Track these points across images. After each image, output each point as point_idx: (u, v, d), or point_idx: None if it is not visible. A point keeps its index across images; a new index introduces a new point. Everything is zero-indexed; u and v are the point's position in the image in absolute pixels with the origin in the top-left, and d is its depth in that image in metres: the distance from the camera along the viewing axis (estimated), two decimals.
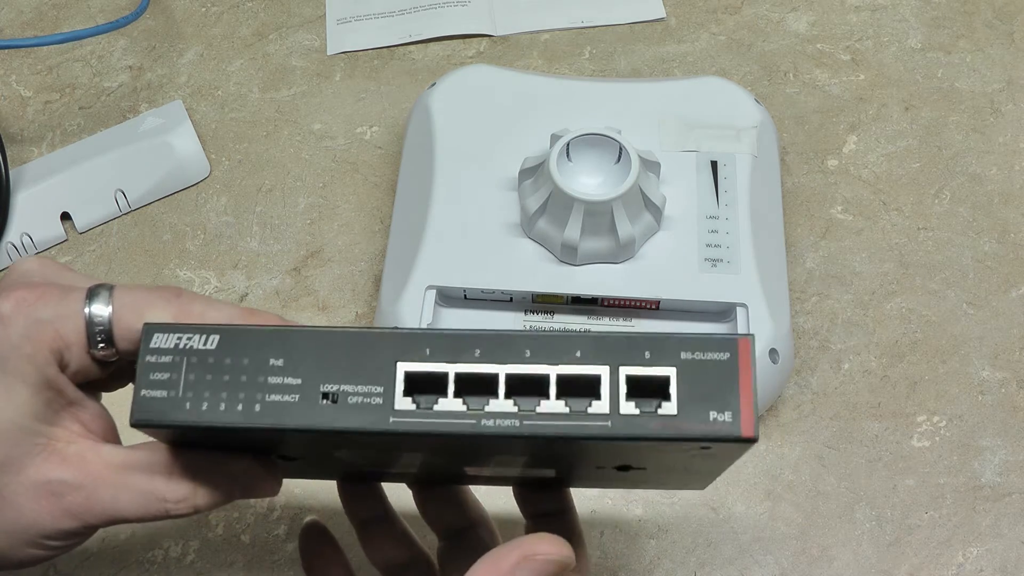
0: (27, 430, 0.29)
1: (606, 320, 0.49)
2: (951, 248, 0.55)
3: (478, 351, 0.27)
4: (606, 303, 0.49)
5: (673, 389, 0.27)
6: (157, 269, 0.55)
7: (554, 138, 0.48)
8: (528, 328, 0.49)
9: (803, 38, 0.63)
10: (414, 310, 0.47)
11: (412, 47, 0.63)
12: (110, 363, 0.31)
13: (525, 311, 0.49)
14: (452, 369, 0.27)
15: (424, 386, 0.27)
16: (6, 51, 0.62)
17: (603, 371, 0.27)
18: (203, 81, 0.61)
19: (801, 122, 0.59)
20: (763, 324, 0.47)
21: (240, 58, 0.62)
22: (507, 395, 0.27)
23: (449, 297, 0.49)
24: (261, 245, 0.55)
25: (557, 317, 0.49)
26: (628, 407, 0.27)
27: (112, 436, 0.32)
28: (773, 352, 0.47)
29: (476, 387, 0.27)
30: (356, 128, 0.59)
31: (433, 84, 0.55)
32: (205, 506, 0.31)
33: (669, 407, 0.27)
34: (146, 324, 0.28)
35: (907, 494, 0.48)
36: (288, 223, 0.56)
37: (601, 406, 0.27)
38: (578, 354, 0.27)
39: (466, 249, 0.49)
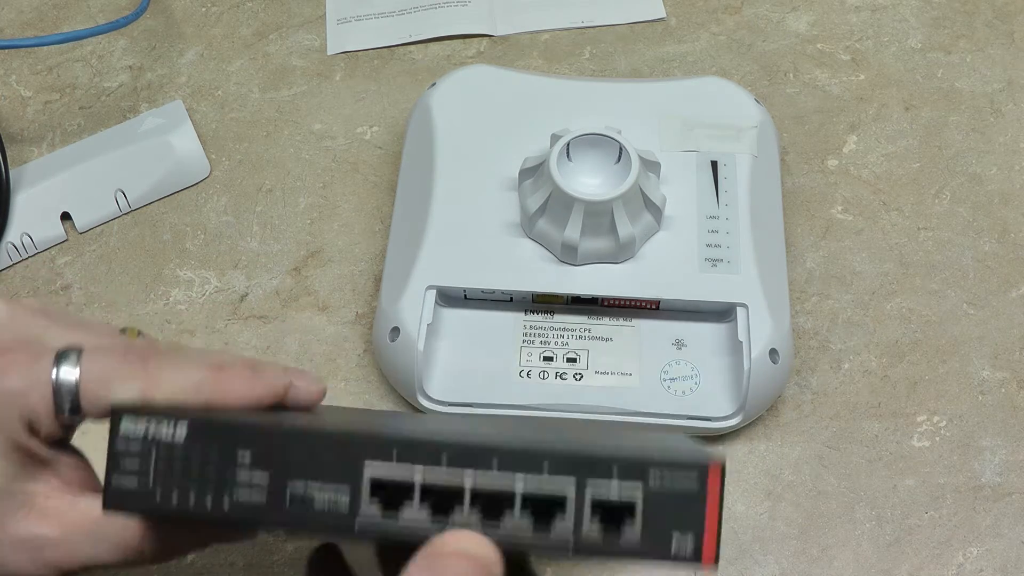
0: (4, 491, 0.30)
1: (606, 320, 0.49)
2: (951, 248, 0.55)
3: (445, 457, 0.28)
4: (606, 303, 0.49)
5: (638, 514, 0.27)
6: (157, 269, 0.55)
7: (554, 138, 0.48)
8: (527, 327, 0.49)
9: (803, 38, 0.63)
10: (414, 310, 0.47)
11: (412, 47, 0.63)
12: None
13: (525, 311, 0.49)
14: (418, 479, 0.28)
15: (390, 492, 0.28)
16: (6, 51, 0.62)
17: (569, 490, 0.28)
18: (203, 81, 0.61)
19: (801, 122, 0.59)
20: (763, 324, 0.47)
21: (240, 58, 0.62)
22: (472, 506, 0.28)
23: (449, 297, 0.49)
24: (261, 245, 0.55)
25: (557, 317, 0.49)
26: (591, 528, 0.27)
27: (92, 484, 0.33)
28: (773, 352, 0.47)
29: (442, 496, 0.28)
30: (356, 128, 0.59)
31: (433, 84, 0.55)
32: (183, 553, 0.32)
33: (632, 532, 0.27)
34: (113, 407, 0.28)
35: (907, 494, 0.48)
36: (288, 223, 0.56)
37: (565, 526, 0.27)
38: (546, 466, 0.28)
39: (466, 249, 0.49)
